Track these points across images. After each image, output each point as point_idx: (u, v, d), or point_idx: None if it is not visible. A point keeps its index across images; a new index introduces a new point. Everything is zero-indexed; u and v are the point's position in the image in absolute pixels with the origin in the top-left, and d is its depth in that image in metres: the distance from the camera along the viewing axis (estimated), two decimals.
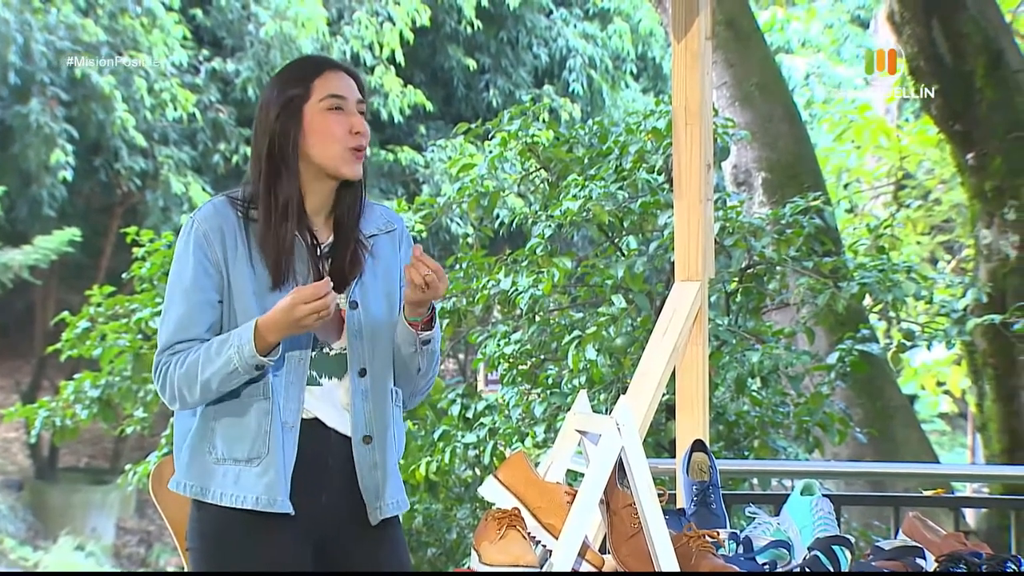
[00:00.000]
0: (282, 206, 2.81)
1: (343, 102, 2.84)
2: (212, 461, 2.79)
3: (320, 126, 2.83)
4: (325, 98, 2.83)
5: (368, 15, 14.84)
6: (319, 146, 2.83)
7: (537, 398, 5.89)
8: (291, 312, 2.66)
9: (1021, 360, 7.23)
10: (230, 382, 2.73)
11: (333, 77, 2.86)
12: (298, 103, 2.83)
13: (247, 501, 2.75)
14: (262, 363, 2.71)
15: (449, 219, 7.30)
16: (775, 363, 5.57)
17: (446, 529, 7.06)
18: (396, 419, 2.92)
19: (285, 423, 2.77)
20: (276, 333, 2.70)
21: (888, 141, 12.51)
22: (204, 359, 2.74)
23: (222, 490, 2.77)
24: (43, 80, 13.44)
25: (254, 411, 2.77)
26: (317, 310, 2.66)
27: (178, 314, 2.79)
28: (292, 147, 2.83)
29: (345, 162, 2.84)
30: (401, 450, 2.95)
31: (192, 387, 2.75)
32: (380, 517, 2.86)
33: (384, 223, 2.97)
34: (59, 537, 14.92)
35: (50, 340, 9.33)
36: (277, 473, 2.75)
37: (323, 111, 2.83)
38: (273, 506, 2.75)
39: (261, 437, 2.76)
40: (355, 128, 2.84)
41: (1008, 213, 7.48)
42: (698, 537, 2.75)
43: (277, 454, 2.76)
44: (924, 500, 4.80)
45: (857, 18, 18.64)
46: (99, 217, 16.24)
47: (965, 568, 2.86)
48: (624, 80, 16.72)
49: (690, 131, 3.75)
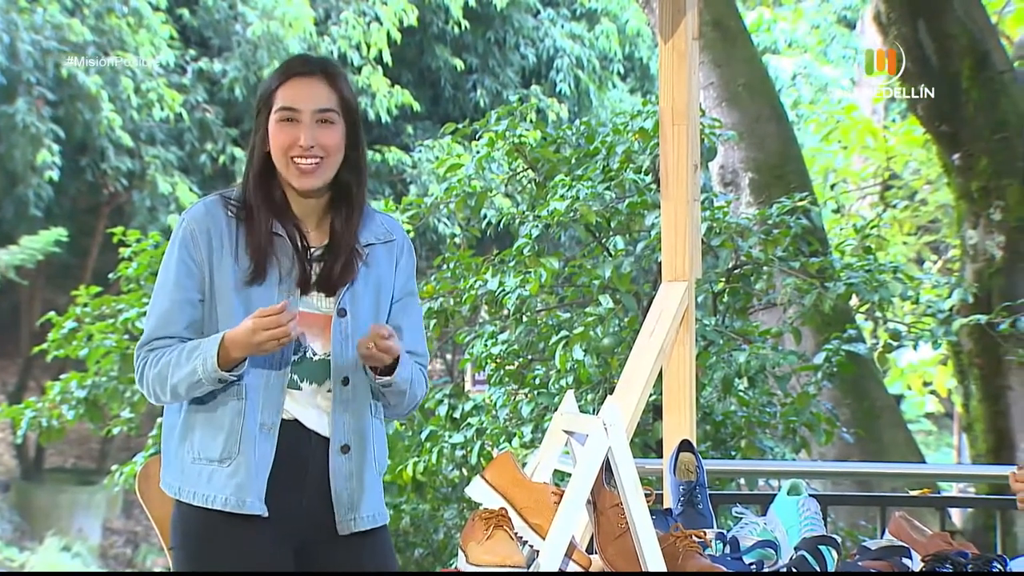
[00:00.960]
0: (259, 204, 2.83)
1: (294, 114, 2.82)
2: (189, 460, 2.80)
3: (272, 137, 2.83)
4: (278, 110, 2.83)
5: (355, 15, 14.82)
6: (274, 155, 2.84)
7: (524, 398, 5.89)
8: (252, 336, 2.67)
9: (1007, 360, 7.24)
10: (197, 390, 2.75)
11: (291, 86, 2.83)
12: (265, 112, 2.85)
13: (216, 501, 2.75)
14: (225, 378, 2.72)
15: (436, 219, 7.29)
16: (762, 363, 5.58)
17: (433, 529, 7.05)
18: (377, 431, 2.90)
19: (263, 424, 2.77)
20: (239, 351, 2.70)
21: (875, 142, 12.53)
22: (174, 363, 2.75)
23: (195, 489, 2.78)
24: (29, 80, 13.39)
25: (228, 411, 2.77)
26: (276, 337, 2.66)
27: (159, 311, 2.81)
28: (261, 154, 2.85)
29: (292, 175, 2.83)
30: (383, 463, 2.92)
31: (164, 388, 2.78)
32: (352, 530, 2.84)
33: (383, 232, 2.95)
34: (45, 538, 14.87)
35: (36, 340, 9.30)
36: (248, 474, 2.75)
37: (275, 123, 2.83)
38: (242, 507, 2.74)
39: (233, 437, 2.76)
40: (299, 141, 2.80)
41: (994, 213, 7.50)
42: (685, 537, 2.76)
43: (249, 455, 2.75)
44: (910, 500, 4.82)
45: (844, 19, 18.66)
46: (86, 217, 16.19)
47: (951, 568, 2.86)
48: (611, 80, 16.72)
49: (677, 131, 3.76)
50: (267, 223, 2.82)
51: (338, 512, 2.83)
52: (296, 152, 2.80)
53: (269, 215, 2.82)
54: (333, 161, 2.84)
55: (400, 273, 2.96)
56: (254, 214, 2.82)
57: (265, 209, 2.83)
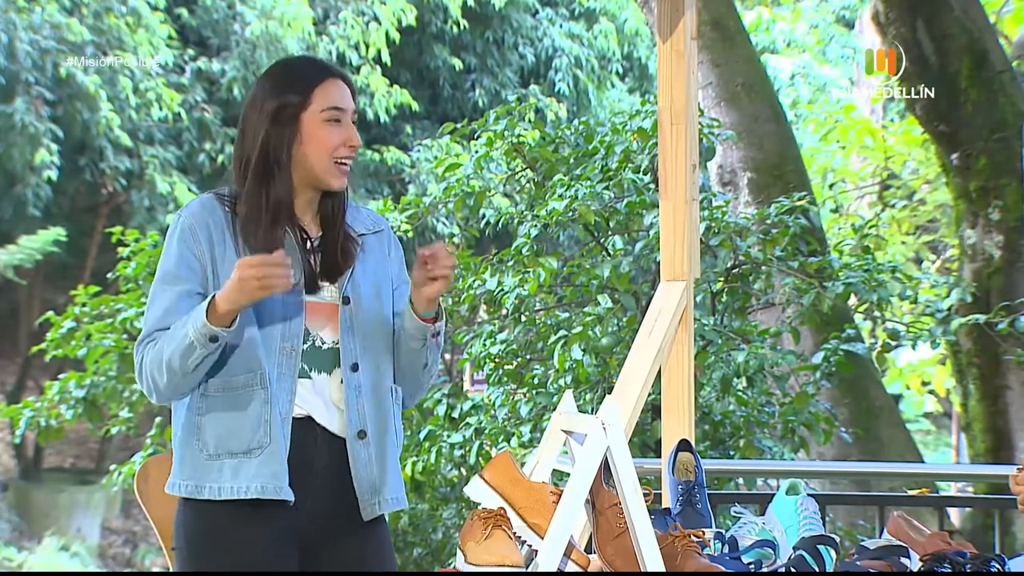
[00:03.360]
0: (273, 207, 2.82)
1: (342, 114, 2.86)
2: (204, 458, 2.78)
3: (317, 136, 2.84)
4: (326, 109, 2.84)
5: (354, 15, 14.81)
6: (314, 156, 2.84)
7: (523, 398, 5.89)
8: (237, 272, 2.65)
9: (1005, 360, 7.24)
10: (189, 357, 2.70)
11: (332, 87, 2.87)
12: (295, 110, 2.84)
13: (250, 491, 2.74)
14: (216, 334, 2.68)
15: (435, 219, 7.30)
16: (760, 363, 5.58)
17: (432, 529, 7.06)
18: (395, 416, 2.92)
19: (282, 413, 2.78)
20: (225, 301, 2.67)
21: (873, 141, 12.54)
22: (167, 338, 2.73)
23: (219, 484, 2.76)
24: (28, 79, 13.39)
25: (254, 403, 2.76)
26: (258, 276, 2.63)
27: (161, 305, 2.80)
28: (286, 153, 2.84)
29: (333, 175, 2.86)
30: (399, 448, 2.95)
31: (161, 369, 2.74)
32: (376, 513, 2.86)
33: (372, 223, 3.01)
34: (44, 538, 14.87)
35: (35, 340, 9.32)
36: (280, 461, 2.75)
37: (321, 122, 2.84)
38: (279, 493, 2.74)
39: (263, 427, 2.76)
40: (350, 141, 2.86)
41: (992, 213, 7.50)
42: (684, 537, 2.76)
43: (279, 443, 2.76)
44: (909, 499, 4.81)
45: (842, 18, 18.68)
46: (84, 217, 16.19)
47: (949, 567, 2.86)
48: (610, 80, 16.73)
49: (676, 131, 3.76)
50: (281, 228, 2.82)
51: (361, 497, 2.84)
52: (344, 153, 2.85)
53: (281, 220, 2.83)
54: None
55: (393, 262, 3.00)
56: (261, 218, 2.81)
57: (276, 214, 2.82)
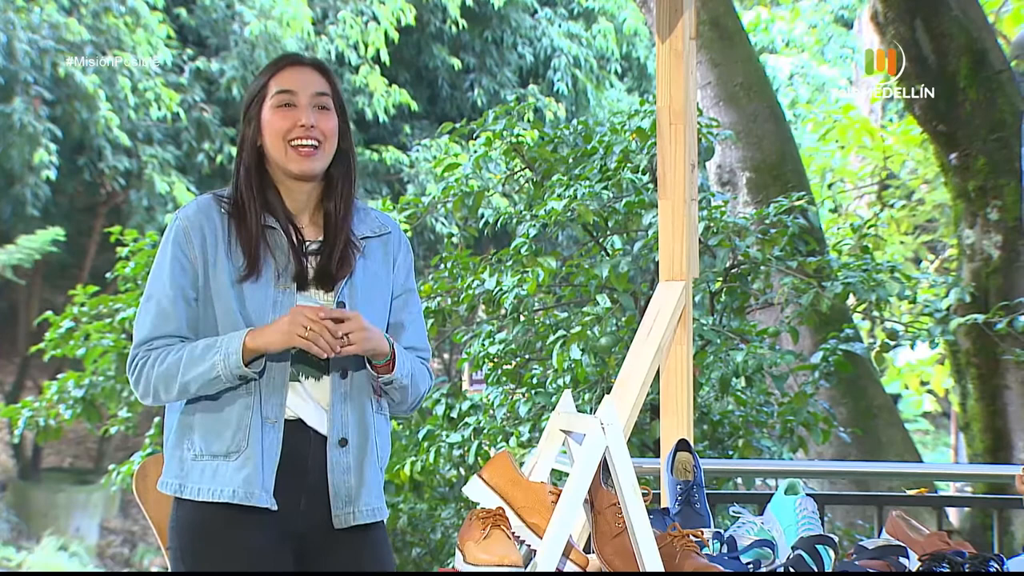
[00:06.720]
0: (251, 201, 2.82)
1: (292, 96, 2.83)
2: (191, 458, 2.79)
3: (269, 123, 2.83)
4: (275, 95, 2.83)
5: (353, 14, 14.82)
6: (269, 142, 2.84)
7: (522, 398, 5.89)
8: (291, 316, 2.68)
9: (1004, 360, 7.24)
10: (211, 387, 2.74)
11: (287, 73, 2.85)
12: (258, 103, 2.85)
13: (223, 494, 2.74)
14: (245, 374, 2.71)
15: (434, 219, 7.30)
16: (759, 363, 5.58)
17: (431, 529, 7.06)
18: (379, 427, 2.89)
19: (267, 419, 2.77)
20: (262, 340, 2.70)
21: (872, 141, 12.54)
22: (187, 360, 2.73)
23: (199, 485, 2.77)
24: (27, 79, 13.39)
25: (236, 406, 2.77)
26: (307, 328, 2.66)
27: (155, 309, 2.80)
28: (256, 148, 2.85)
29: (291, 159, 2.83)
30: (385, 459, 2.92)
31: (170, 386, 2.76)
32: (350, 522, 2.83)
33: (378, 226, 2.96)
34: (43, 537, 14.87)
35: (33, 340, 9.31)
36: (256, 467, 2.74)
37: (272, 108, 2.83)
38: (251, 499, 2.74)
39: (241, 431, 2.76)
40: (300, 122, 2.81)
41: (991, 213, 7.50)
42: (682, 536, 2.76)
43: (255, 448, 2.75)
44: (907, 499, 4.81)
45: (841, 18, 18.68)
46: (83, 217, 16.19)
47: (948, 567, 2.86)
48: (609, 80, 16.74)
49: (674, 131, 3.76)
50: (259, 218, 2.81)
51: (335, 506, 2.82)
52: (296, 134, 2.81)
53: (262, 210, 2.82)
54: (330, 147, 2.86)
55: (399, 269, 2.96)
56: (246, 209, 2.82)
57: (258, 204, 2.82)
